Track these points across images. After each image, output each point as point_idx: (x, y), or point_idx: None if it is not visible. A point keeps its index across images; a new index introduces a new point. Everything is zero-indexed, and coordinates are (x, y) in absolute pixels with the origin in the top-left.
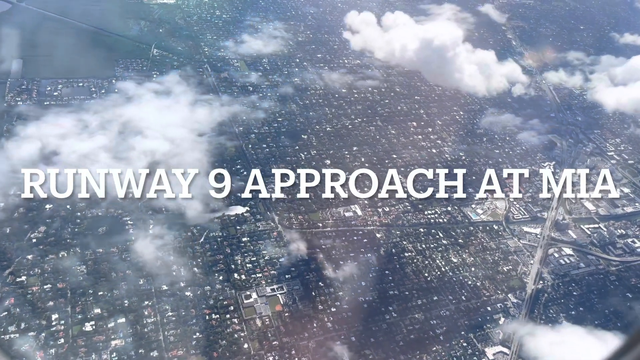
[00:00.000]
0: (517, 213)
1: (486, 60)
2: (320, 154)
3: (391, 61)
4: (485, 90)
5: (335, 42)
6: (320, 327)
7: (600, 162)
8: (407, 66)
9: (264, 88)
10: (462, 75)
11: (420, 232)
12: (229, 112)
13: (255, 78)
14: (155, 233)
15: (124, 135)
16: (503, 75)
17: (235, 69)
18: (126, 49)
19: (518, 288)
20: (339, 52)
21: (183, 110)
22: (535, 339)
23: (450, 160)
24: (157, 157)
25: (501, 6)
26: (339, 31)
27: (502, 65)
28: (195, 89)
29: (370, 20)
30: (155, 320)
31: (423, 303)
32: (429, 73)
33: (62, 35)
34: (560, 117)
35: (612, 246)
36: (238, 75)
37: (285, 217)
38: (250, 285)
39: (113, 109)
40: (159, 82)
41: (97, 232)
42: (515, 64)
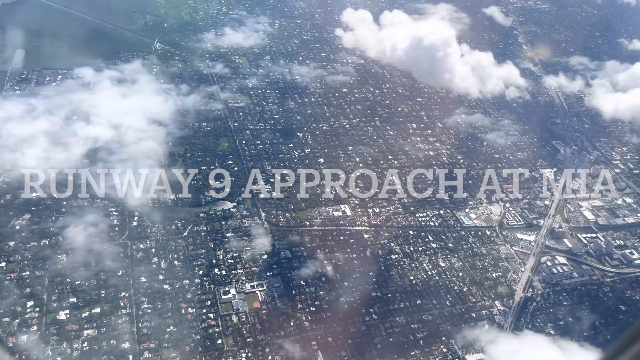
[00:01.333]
0: (511, 219)
1: (482, 62)
2: (315, 152)
3: (382, 60)
4: (478, 92)
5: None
6: (297, 326)
7: (603, 170)
8: (398, 65)
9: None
10: (453, 76)
11: (409, 235)
12: (183, 102)
13: (220, 69)
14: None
15: (70, 120)
16: (500, 78)
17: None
18: (129, 42)
19: (506, 295)
20: (325, 48)
21: (139, 98)
22: (497, 346)
23: (448, 163)
24: (98, 144)
25: (515, 10)
26: (331, 28)
27: (500, 68)
28: (156, 78)
29: (365, 18)
30: (131, 312)
31: (405, 306)
32: (419, 73)
33: (66, 27)
34: (566, 124)
35: (608, 257)
36: (204, 66)
37: (272, 214)
38: (230, 281)
39: (66, 94)
40: (120, 70)
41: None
42: (514, 67)
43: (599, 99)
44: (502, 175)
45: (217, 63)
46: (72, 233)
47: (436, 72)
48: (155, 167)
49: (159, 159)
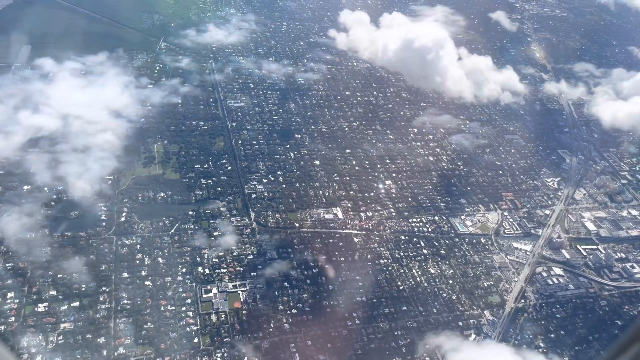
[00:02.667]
0: (509, 228)
1: (479, 66)
2: (311, 154)
3: (375, 61)
4: (472, 96)
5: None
6: (277, 328)
7: (609, 181)
8: (390, 67)
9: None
10: (446, 80)
11: (400, 240)
12: (141, 94)
13: (186, 63)
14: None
15: (18, 110)
16: (497, 82)
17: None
18: (134, 41)
19: (496, 305)
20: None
21: (95, 90)
22: (458, 354)
23: (447, 168)
24: (41, 134)
25: (530, 17)
26: (324, 27)
27: (499, 73)
28: (119, 71)
29: (360, 19)
30: (109, 307)
31: (390, 312)
32: (410, 75)
33: (73, 25)
34: (574, 133)
35: (608, 270)
36: (169, 59)
37: (262, 214)
38: (213, 280)
39: (23, 84)
40: (82, 62)
41: (69, 216)
42: (513, 72)
43: (598, 106)
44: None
45: (185, 57)
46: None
47: (428, 74)
48: (107, 160)
49: (114, 151)
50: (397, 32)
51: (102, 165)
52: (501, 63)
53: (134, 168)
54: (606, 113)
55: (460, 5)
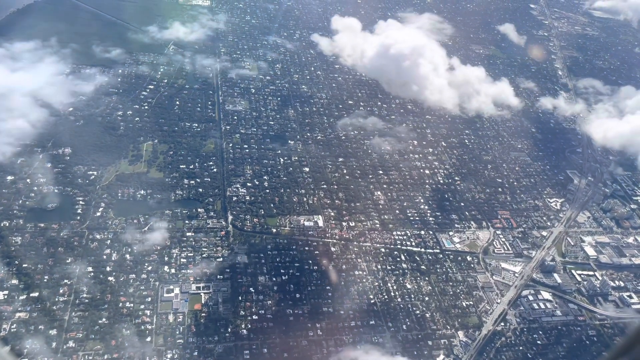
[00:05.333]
0: (499, 247)
1: (470, 78)
2: (301, 160)
3: (357, 67)
4: (455, 107)
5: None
6: (234, 333)
7: (618, 205)
8: (369, 74)
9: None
10: (427, 89)
11: (380, 252)
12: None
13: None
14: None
15: None
16: (489, 95)
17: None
18: (143, 43)
19: (473, 326)
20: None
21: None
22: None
23: (443, 182)
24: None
25: (558, 35)
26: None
27: (492, 86)
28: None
29: (349, 25)
30: (67, 300)
31: (356, 325)
32: (388, 83)
33: (86, 26)
34: (587, 153)
35: (602, 298)
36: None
37: (240, 218)
38: (177, 280)
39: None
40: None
41: (46, 207)
42: (508, 85)
43: (591, 124)
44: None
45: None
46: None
47: (406, 82)
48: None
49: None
50: (381, 38)
51: None
52: (519, 79)
53: (119, 165)
54: (598, 131)
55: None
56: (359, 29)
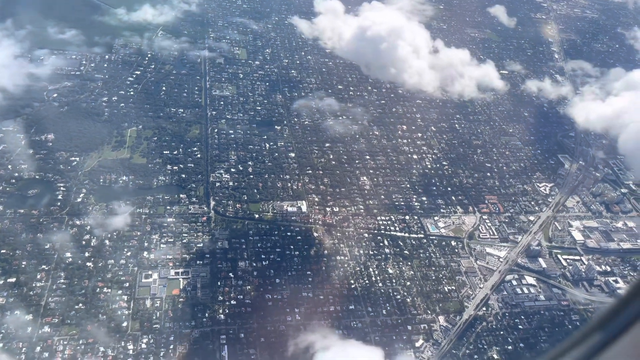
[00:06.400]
0: (485, 232)
1: (453, 60)
2: (287, 145)
3: (336, 49)
4: (435, 90)
5: None
6: (211, 318)
7: (608, 189)
8: (348, 57)
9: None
10: (407, 72)
11: (363, 237)
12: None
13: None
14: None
15: None
16: (473, 78)
17: None
18: (132, 29)
19: (454, 311)
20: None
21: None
22: (325, 354)
23: (431, 167)
24: None
25: (556, 17)
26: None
27: (478, 68)
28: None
29: (332, 8)
30: (44, 285)
31: (335, 310)
32: (366, 65)
33: (70, 11)
34: (580, 137)
35: (588, 283)
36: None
37: (222, 203)
38: (156, 265)
39: None
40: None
41: (26, 194)
42: (493, 68)
43: (574, 107)
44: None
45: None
46: None
47: (385, 65)
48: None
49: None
50: (360, 21)
51: None
52: (513, 62)
53: (102, 151)
54: (580, 114)
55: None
56: (342, 11)
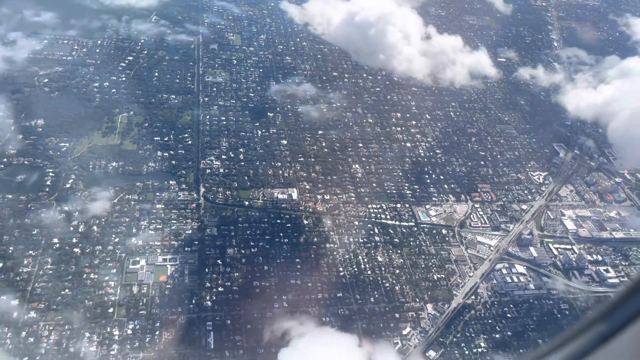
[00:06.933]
0: (476, 220)
1: (445, 47)
2: (280, 133)
3: (324, 35)
4: (427, 77)
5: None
6: (198, 305)
7: (603, 178)
8: (337, 43)
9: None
10: (394, 57)
11: (353, 225)
12: None
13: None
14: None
15: None
16: (465, 65)
17: None
18: (126, 15)
19: (442, 299)
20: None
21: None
22: (301, 341)
23: (424, 156)
24: None
25: (557, 5)
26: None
27: (470, 55)
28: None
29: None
30: (31, 271)
31: (323, 298)
32: (355, 51)
33: None
34: (577, 126)
35: (578, 272)
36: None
37: (212, 190)
38: (144, 251)
39: None
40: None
41: (15, 179)
42: (486, 56)
43: (566, 94)
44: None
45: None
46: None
47: (375, 51)
48: None
49: None
50: (349, 6)
51: None
52: (511, 50)
53: (92, 137)
54: (571, 102)
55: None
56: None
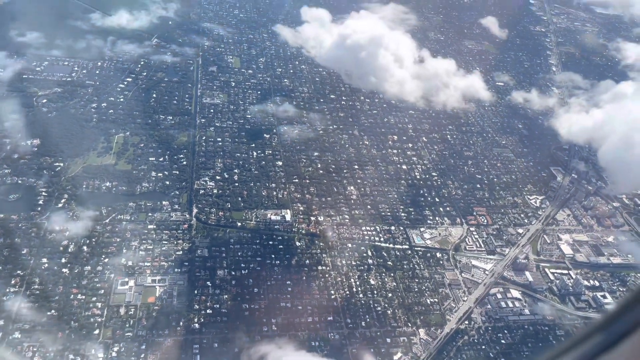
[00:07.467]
0: (471, 244)
1: (438, 70)
2: (275, 154)
3: (316, 58)
4: (419, 100)
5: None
6: (185, 327)
7: (600, 203)
8: (329, 65)
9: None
10: (385, 80)
11: (346, 247)
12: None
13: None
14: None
15: None
16: (459, 88)
17: None
18: (126, 36)
19: (435, 324)
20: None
21: None
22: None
23: (420, 178)
24: None
25: (556, 31)
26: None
27: (463, 78)
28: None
29: (317, 16)
30: (18, 291)
31: (313, 321)
32: (346, 73)
33: (71, 19)
34: (575, 150)
35: (575, 297)
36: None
37: (205, 211)
38: (133, 272)
39: None
40: None
41: (8, 198)
42: (479, 79)
43: (559, 118)
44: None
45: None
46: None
47: (365, 73)
48: None
49: None
50: (341, 29)
51: None
52: (510, 74)
53: (87, 157)
54: (564, 126)
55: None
56: (328, 20)
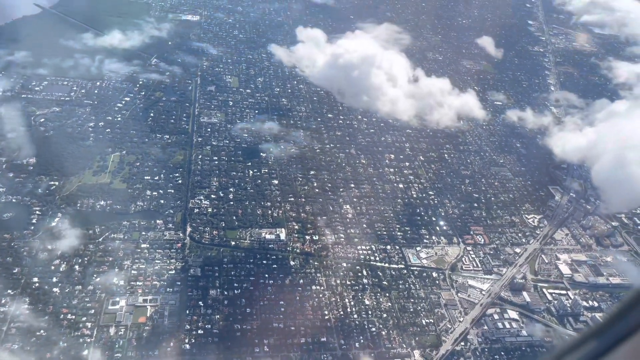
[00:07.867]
0: (468, 264)
1: (432, 90)
2: (271, 173)
3: (309, 77)
4: (412, 119)
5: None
6: (176, 348)
7: (599, 222)
8: (321, 84)
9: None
10: (378, 99)
11: (339, 267)
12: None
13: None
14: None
15: None
16: (453, 107)
17: None
18: (125, 56)
19: (430, 345)
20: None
21: None
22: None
23: (416, 197)
24: None
25: (554, 50)
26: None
27: (457, 97)
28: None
29: (312, 36)
30: (7, 310)
31: (306, 342)
32: (339, 92)
33: (70, 40)
34: (573, 169)
35: (573, 318)
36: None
37: (199, 230)
38: (125, 292)
39: None
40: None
41: (2, 217)
42: (474, 98)
43: (553, 137)
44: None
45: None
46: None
47: (358, 92)
48: None
49: None
50: (334, 49)
51: None
52: (508, 93)
53: (83, 176)
54: (558, 145)
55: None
56: (323, 40)
